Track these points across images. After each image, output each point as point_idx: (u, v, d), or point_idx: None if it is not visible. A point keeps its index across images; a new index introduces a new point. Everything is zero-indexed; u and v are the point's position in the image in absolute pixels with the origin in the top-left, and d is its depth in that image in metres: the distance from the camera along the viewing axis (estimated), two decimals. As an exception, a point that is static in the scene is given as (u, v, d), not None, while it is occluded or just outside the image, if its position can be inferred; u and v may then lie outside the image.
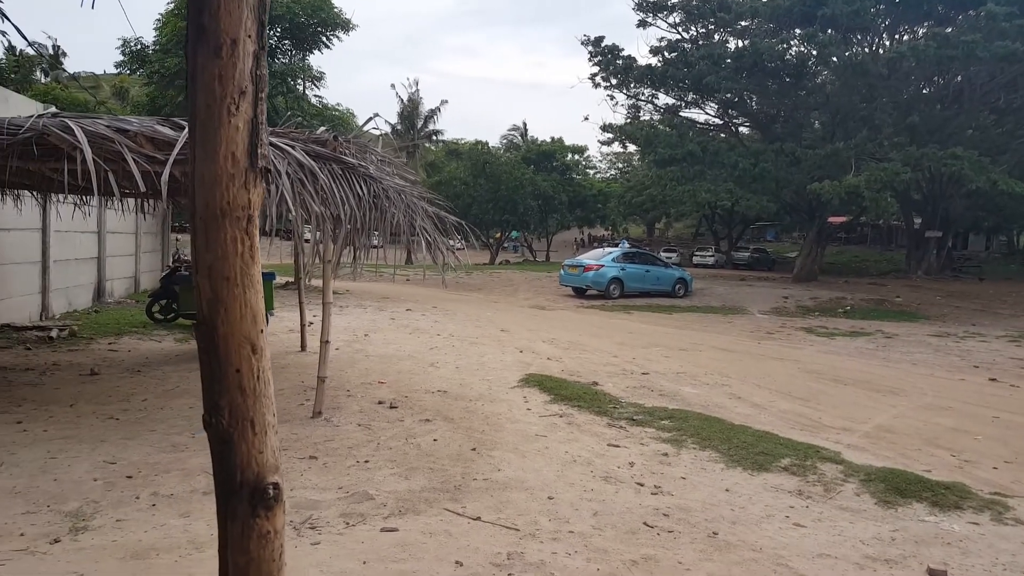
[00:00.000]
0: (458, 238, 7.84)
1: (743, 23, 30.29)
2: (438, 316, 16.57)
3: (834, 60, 26.45)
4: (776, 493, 5.39)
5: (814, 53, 26.82)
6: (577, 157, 52.33)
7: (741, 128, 34.76)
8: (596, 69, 31.02)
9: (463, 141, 59.10)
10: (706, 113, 33.86)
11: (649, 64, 30.13)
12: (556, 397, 8.31)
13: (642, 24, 31.74)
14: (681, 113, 33.29)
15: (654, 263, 26.03)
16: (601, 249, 31.27)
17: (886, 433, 7.54)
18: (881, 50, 28.23)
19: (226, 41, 1.49)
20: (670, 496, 5.22)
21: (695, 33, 31.76)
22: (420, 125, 57.30)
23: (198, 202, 1.56)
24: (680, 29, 31.97)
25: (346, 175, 5.74)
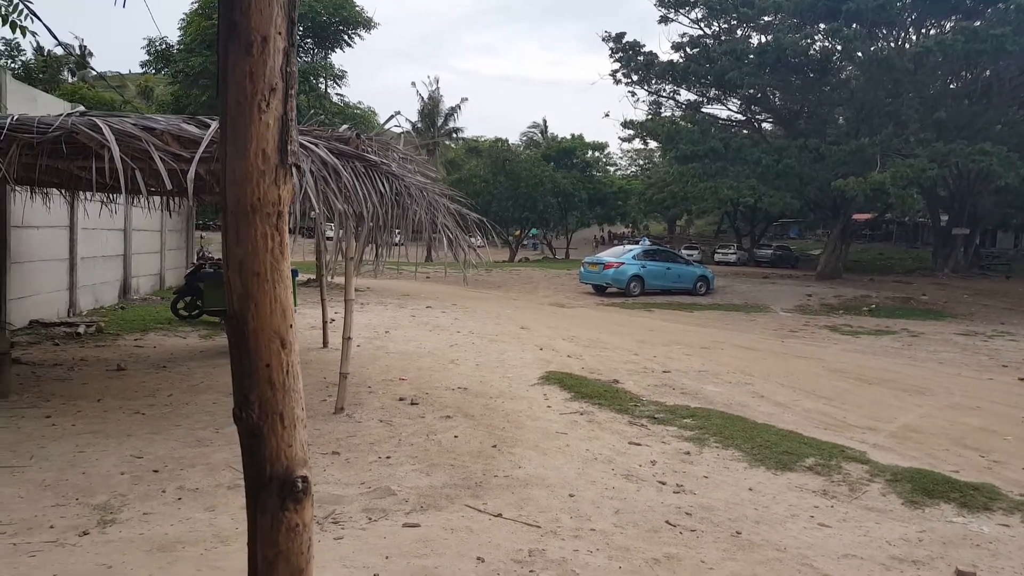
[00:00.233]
0: (479, 235, 7.84)
1: (766, 18, 30.01)
2: (458, 313, 16.60)
3: (859, 55, 26.10)
4: (800, 493, 5.34)
5: (839, 48, 26.50)
6: (597, 154, 52.07)
7: (764, 124, 34.47)
8: (617, 65, 30.92)
9: (483, 139, 59.10)
10: (728, 109, 33.63)
11: (671, 60, 30.00)
12: (576, 395, 8.29)
13: (664, 20, 31.58)
14: (703, 109, 33.06)
15: (675, 260, 25.88)
16: (621, 246, 31.15)
17: (912, 433, 7.45)
18: (907, 44, 27.82)
19: (257, 38, 1.50)
20: (692, 495, 5.19)
21: (717, 28, 31.54)
22: (440, 123, 57.46)
23: (229, 198, 1.58)
24: (702, 25, 31.77)
25: (369, 173, 5.76)
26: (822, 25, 27.50)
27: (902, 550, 4.39)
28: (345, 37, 22.78)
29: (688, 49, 29.99)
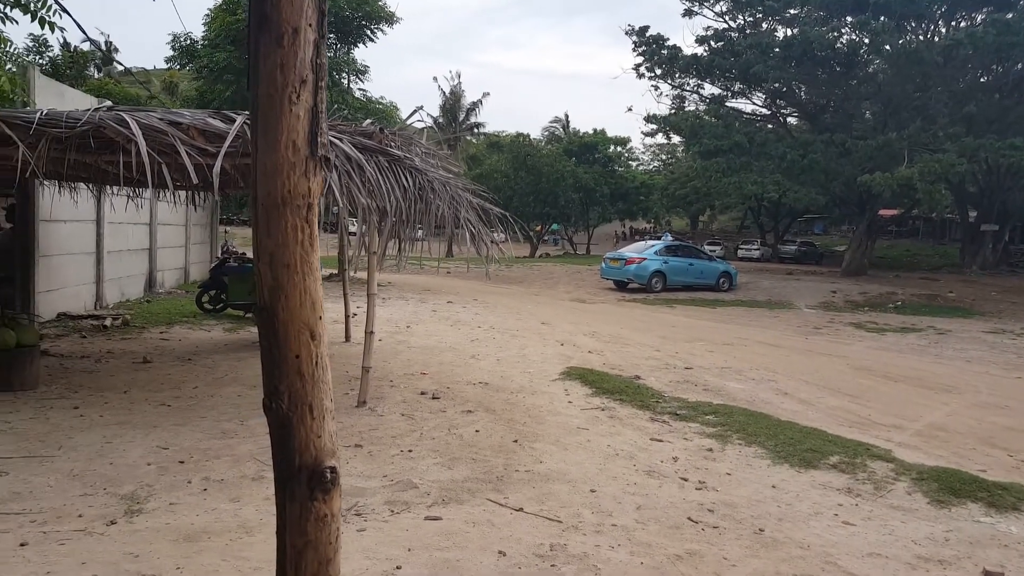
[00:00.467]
0: (501, 230, 7.84)
1: (792, 11, 29.64)
2: (479, 308, 16.63)
3: (887, 48, 25.72)
4: (824, 490, 5.28)
5: (866, 41, 26.11)
6: (620, 149, 51.79)
7: (789, 118, 34.07)
8: (641, 59, 30.66)
9: (504, 134, 59.01)
10: (753, 103, 33.28)
11: (695, 54, 29.69)
12: (598, 390, 8.27)
13: (688, 13, 31.31)
14: (727, 103, 32.72)
15: (698, 256, 25.73)
16: (643, 242, 31.00)
17: (939, 431, 7.35)
18: (937, 38, 27.36)
19: (287, 30, 1.51)
20: (715, 492, 5.16)
21: (742, 22, 31.21)
22: (462, 118, 57.48)
23: (260, 190, 1.59)
24: (727, 18, 31.45)
25: (392, 167, 5.78)
26: (849, 18, 27.12)
27: (928, 549, 4.34)
28: (368, 32, 22.82)
29: (712, 42, 29.72)
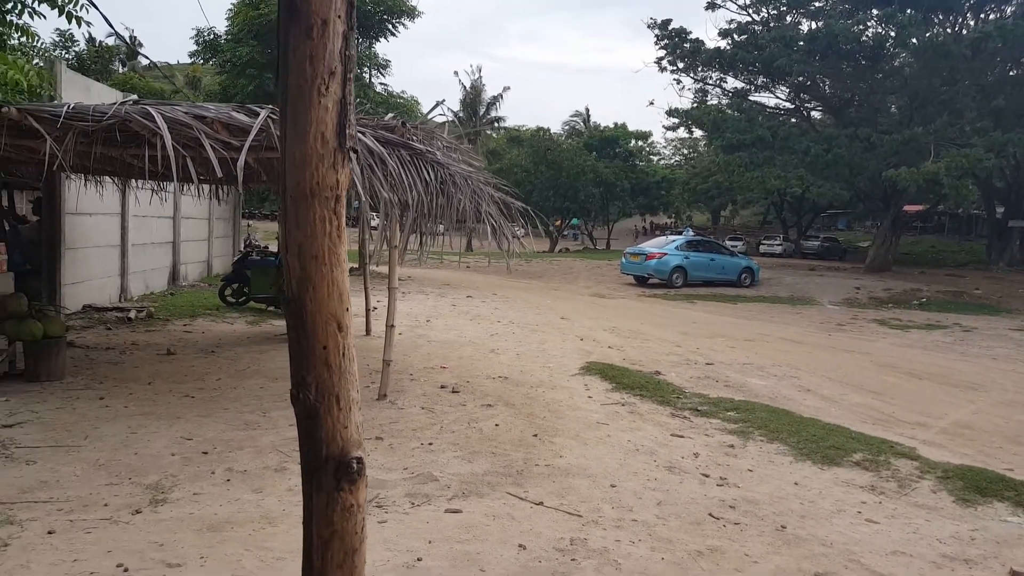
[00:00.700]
0: (521, 224, 7.83)
1: (817, 4, 29.26)
2: (498, 303, 16.64)
3: (914, 41, 25.29)
4: (847, 488, 5.23)
5: (892, 34, 25.70)
6: (641, 143, 51.53)
7: (813, 112, 33.66)
8: (662, 53, 30.43)
9: (524, 128, 58.96)
10: (776, 97, 32.88)
11: (718, 47, 29.40)
12: (618, 386, 8.25)
13: (711, 6, 30.99)
14: (750, 97, 32.38)
15: (719, 251, 25.54)
16: (664, 237, 30.83)
17: (964, 429, 7.25)
18: (964, 30, 26.88)
19: (317, 21, 1.51)
20: (736, 488, 5.13)
21: (766, 15, 30.84)
22: (482, 112, 57.51)
23: (289, 182, 1.60)
24: (751, 11, 31.07)
25: (414, 161, 5.79)
26: (875, 11, 26.70)
27: (954, 548, 4.28)
28: (389, 26, 22.86)
29: (736, 36, 29.38)
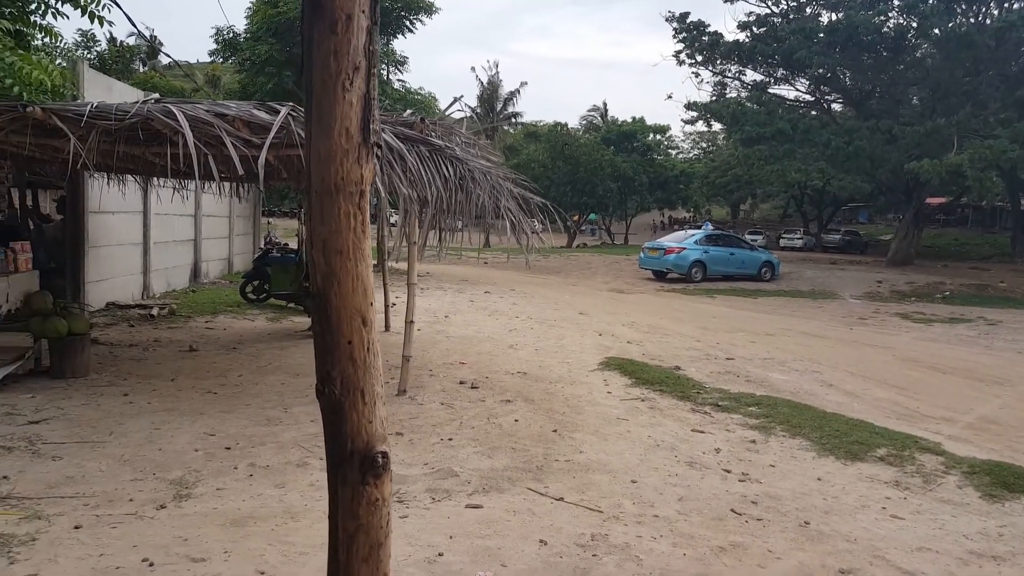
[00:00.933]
0: (541, 219, 7.81)
1: (836, -6, 28.89)
2: (516, 299, 16.63)
3: (936, 32, 24.92)
4: (871, 483, 5.18)
5: (914, 25, 25.35)
6: (659, 137, 51.27)
7: (834, 105, 33.25)
8: (681, 46, 30.21)
9: (542, 123, 58.88)
10: (796, 90, 32.54)
11: (736, 40, 29.14)
12: (637, 381, 8.22)
13: (729, -1, 30.75)
14: (770, 90, 32.07)
15: (739, 245, 25.37)
16: (683, 231, 30.65)
17: (990, 424, 7.15)
18: (988, 20, 26.42)
19: (341, 16, 1.51)
20: (758, 484, 5.10)
21: (785, 6, 30.48)
22: (499, 108, 57.48)
23: (314, 178, 1.60)
24: (770, 3, 30.72)
25: (433, 157, 5.79)
26: (896, 1, 26.35)
27: (980, 545, 4.23)
28: (407, 23, 22.89)
29: (755, 28, 29.12)
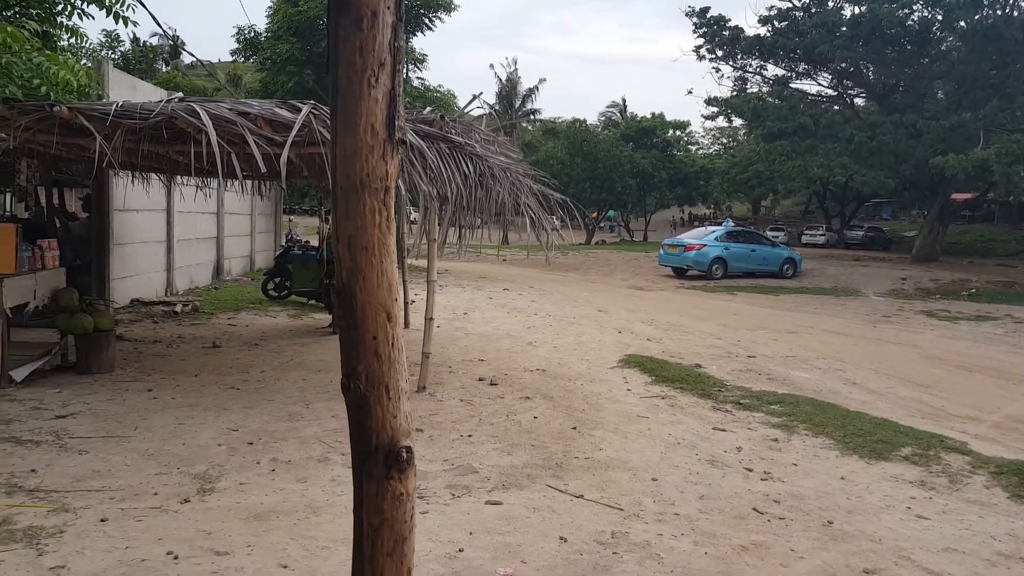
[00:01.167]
0: (560, 216, 7.79)
1: (860, -13, 28.50)
2: (535, 296, 16.62)
3: (962, 24, 24.52)
4: (896, 483, 5.12)
5: (939, 18, 24.97)
6: (679, 133, 50.89)
7: (856, 99, 32.83)
8: (701, 41, 29.98)
9: (560, 120, 58.67)
10: (818, 84, 32.14)
11: (757, 34, 28.87)
12: (657, 378, 8.18)
13: (750, -7, 30.44)
14: (791, 85, 31.75)
15: (760, 242, 25.16)
16: (703, 228, 30.44)
17: (1018, 424, 7.04)
18: (1016, 12, 25.96)
19: (367, 13, 1.52)
20: (781, 483, 5.06)
21: (807, 0, 30.18)
22: (518, 105, 57.40)
23: (339, 174, 1.60)
24: (791, -4, 30.44)
25: (453, 154, 5.80)
26: (921, -7, 25.97)
27: (1009, 546, 4.16)
28: (426, 20, 22.92)
29: (776, 22, 28.83)
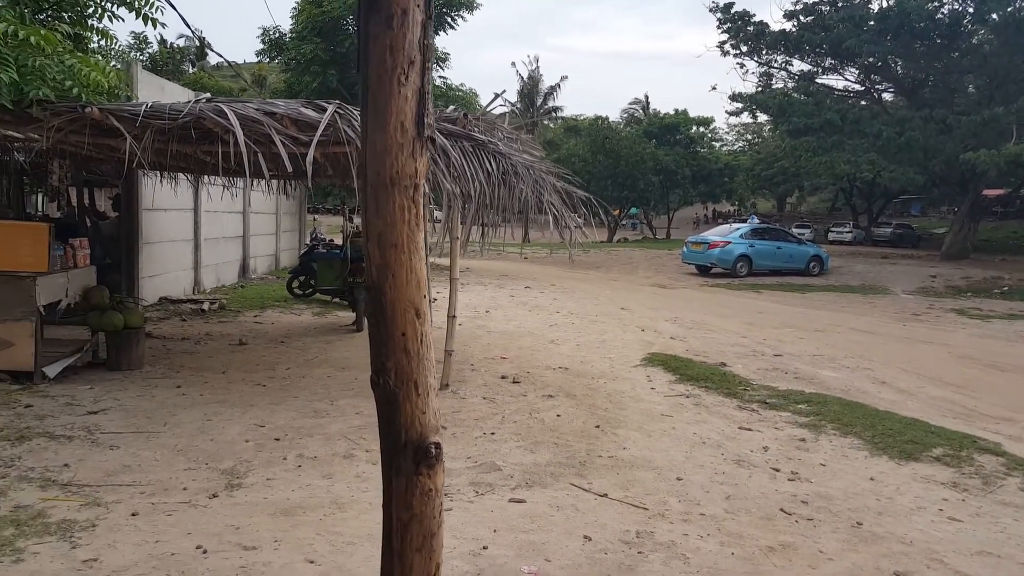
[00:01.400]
0: (583, 213, 7.76)
1: (888, -19, 28.06)
2: (556, 294, 16.59)
3: (993, 17, 24.05)
4: (927, 484, 5.04)
5: (970, 10, 24.52)
6: (702, 129, 50.48)
7: (884, 94, 32.33)
8: (725, 36, 29.67)
9: (582, 117, 58.50)
10: (845, 79, 31.67)
11: (783, 29, 28.52)
12: (681, 377, 8.12)
13: (775, -12, 30.12)
14: (817, 80, 31.35)
15: (786, 239, 24.92)
16: (727, 225, 30.19)
17: (1054, 425, 6.89)
18: (1050, 3, 25.42)
19: (397, 11, 1.52)
20: (808, 483, 4.99)
21: (833, -6, 29.77)
22: (540, 103, 57.35)
23: (369, 171, 1.61)
24: (817, -10, 30.04)
25: (476, 152, 5.80)
26: (951, -14, 25.51)
27: (1045, 550, 4.07)
28: (448, 19, 22.96)
29: (802, 17, 28.47)
